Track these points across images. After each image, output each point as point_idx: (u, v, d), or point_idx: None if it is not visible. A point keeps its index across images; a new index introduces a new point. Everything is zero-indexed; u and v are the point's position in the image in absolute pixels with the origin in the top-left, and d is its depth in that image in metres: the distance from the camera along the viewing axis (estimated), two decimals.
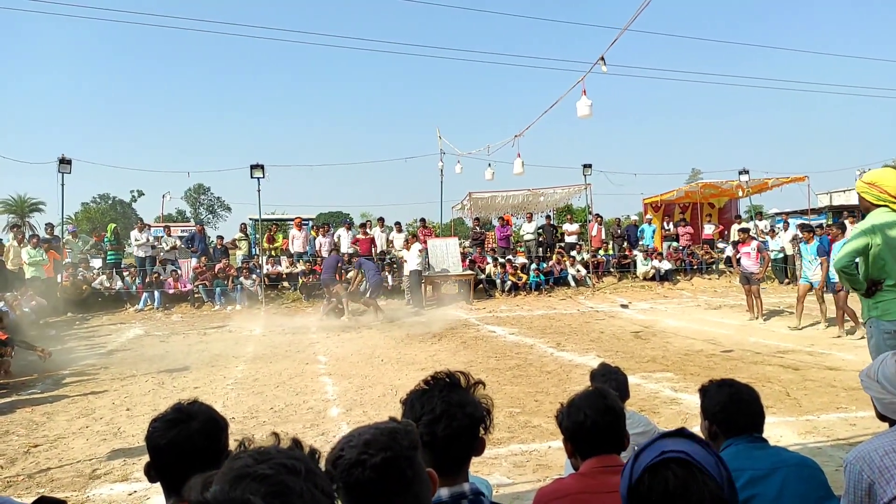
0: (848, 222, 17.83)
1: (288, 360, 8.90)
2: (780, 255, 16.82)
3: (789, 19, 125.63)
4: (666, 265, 17.78)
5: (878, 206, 3.77)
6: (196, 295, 15.37)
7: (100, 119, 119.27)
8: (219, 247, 17.48)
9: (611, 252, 19.51)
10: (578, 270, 17.30)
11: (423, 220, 20.15)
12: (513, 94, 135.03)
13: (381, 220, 18.80)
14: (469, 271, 16.35)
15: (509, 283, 16.37)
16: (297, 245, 17.58)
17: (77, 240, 18.31)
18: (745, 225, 17.00)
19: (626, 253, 18.79)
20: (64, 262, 15.20)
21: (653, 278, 17.57)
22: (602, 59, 9.19)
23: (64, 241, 16.50)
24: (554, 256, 17.90)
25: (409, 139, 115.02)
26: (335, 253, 15.09)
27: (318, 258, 17.31)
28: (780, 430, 4.88)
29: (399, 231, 18.27)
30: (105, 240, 17.21)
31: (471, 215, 21.15)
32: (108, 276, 15.36)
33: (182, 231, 18.20)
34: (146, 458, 1.69)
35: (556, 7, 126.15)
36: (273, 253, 17.85)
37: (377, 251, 17.74)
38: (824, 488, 2.01)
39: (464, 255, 17.54)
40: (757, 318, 11.19)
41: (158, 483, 1.68)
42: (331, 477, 1.18)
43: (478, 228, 20.08)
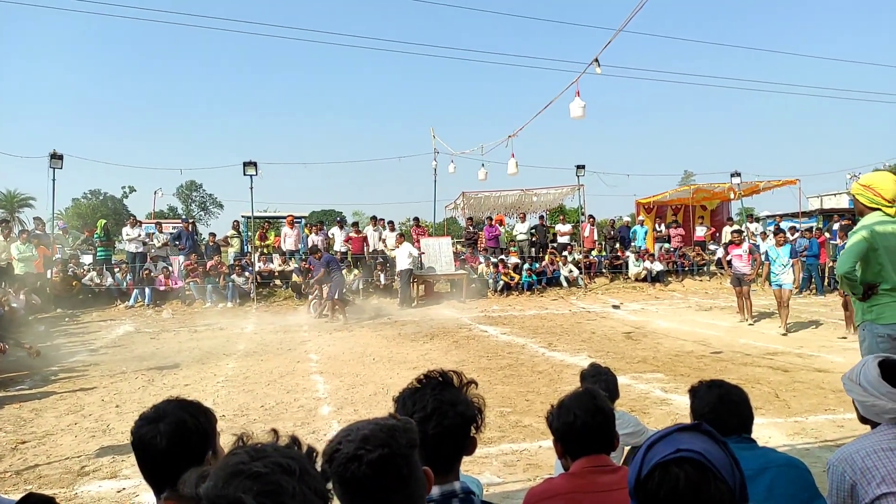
0: (838, 226, 18.03)
1: (279, 358, 8.88)
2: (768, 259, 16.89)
3: (782, 22, 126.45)
4: (657, 266, 17.85)
5: (871, 209, 3.77)
6: (187, 292, 15.30)
7: (92, 114, 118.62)
8: (211, 244, 17.40)
9: (603, 253, 19.57)
10: (571, 271, 17.34)
11: (416, 219, 20.13)
12: (507, 94, 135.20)
13: (374, 218, 18.77)
14: (461, 271, 16.36)
15: (502, 282, 16.40)
16: (289, 243, 17.52)
17: (67, 236, 18.18)
18: (738, 227, 17.09)
19: (619, 254, 18.86)
20: (54, 258, 15.09)
21: (644, 279, 17.64)
22: (596, 60, 9.20)
23: (54, 237, 16.38)
24: (546, 257, 17.93)
25: (403, 138, 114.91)
26: (327, 252, 14.81)
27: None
28: (768, 431, 4.92)
29: (392, 230, 18.25)
30: (95, 236, 17.10)
31: (464, 215, 21.15)
32: (99, 273, 15.27)
33: (173, 228, 18.10)
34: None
35: (550, 8, 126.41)
36: (265, 251, 17.79)
37: (370, 250, 17.71)
38: (812, 489, 2.02)
39: (456, 254, 17.55)
40: (746, 319, 11.25)
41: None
42: (326, 470, 1.18)
43: (471, 228, 20.08)
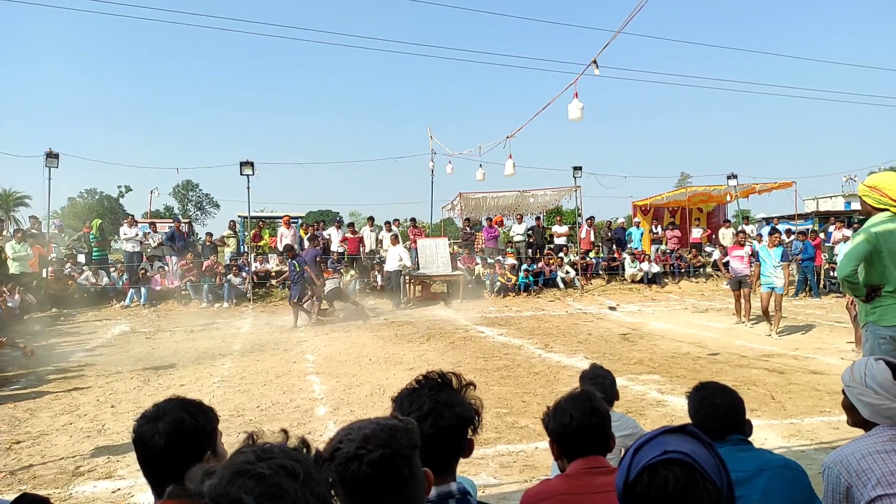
0: (834, 228, 18.11)
1: (275, 358, 8.86)
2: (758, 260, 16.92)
3: (779, 25, 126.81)
4: (654, 268, 17.89)
5: (878, 209, 3.77)
6: (183, 292, 15.27)
7: (88, 113, 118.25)
8: (208, 244, 17.36)
9: (600, 254, 19.60)
10: (567, 272, 17.36)
11: (413, 219, 20.14)
12: (505, 95, 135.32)
13: (371, 219, 18.76)
14: (458, 272, 16.36)
15: (498, 284, 16.40)
16: (285, 243, 17.50)
17: (63, 234, 18.10)
18: (742, 228, 17.13)
19: (615, 255, 18.89)
20: (50, 258, 15.04)
21: (641, 281, 17.67)
22: (595, 61, 9.21)
23: (49, 236, 16.33)
24: (543, 258, 17.95)
25: (401, 139, 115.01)
26: (313, 247, 13.51)
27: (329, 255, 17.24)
28: (764, 433, 4.92)
29: (388, 230, 18.24)
30: (91, 236, 17.05)
31: (461, 216, 21.16)
32: (94, 272, 15.22)
33: (168, 228, 18.04)
34: (132, 454, 1.68)
35: (549, 9, 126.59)
36: (260, 251, 17.75)
37: (366, 250, 17.70)
38: (808, 491, 2.03)
39: (453, 255, 17.55)
40: (743, 321, 11.26)
41: (144, 480, 1.67)
42: (333, 477, 1.18)
43: (467, 229, 20.09)
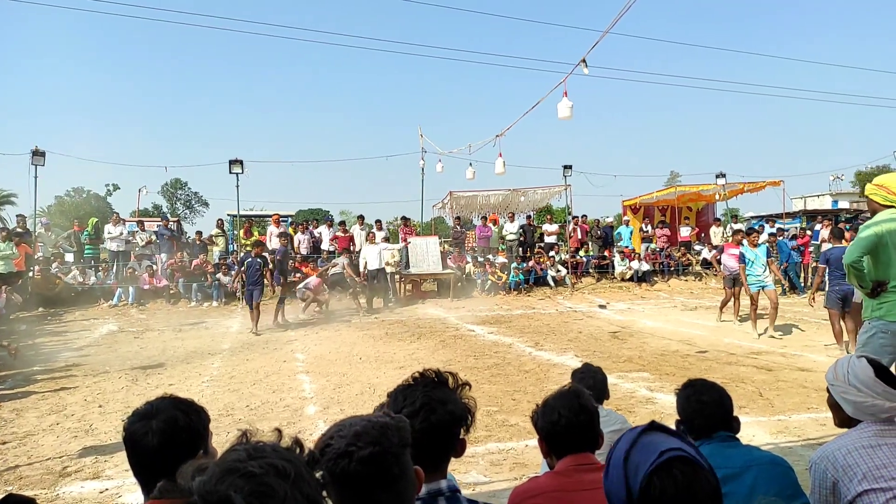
0: (822, 226, 18.28)
1: (265, 357, 8.83)
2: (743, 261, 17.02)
3: (767, 26, 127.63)
4: (644, 266, 17.97)
5: (885, 206, 3.88)
6: (172, 291, 15.17)
7: (75, 110, 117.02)
8: (198, 242, 17.27)
9: (590, 252, 19.68)
10: (558, 271, 17.40)
11: (404, 218, 20.10)
12: (494, 94, 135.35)
13: (361, 217, 18.71)
14: (449, 270, 16.36)
15: (489, 282, 16.42)
16: (275, 242, 17.41)
17: (50, 233, 17.94)
18: (740, 226, 17.25)
19: (605, 254, 18.97)
20: (36, 256, 14.89)
21: (631, 279, 17.75)
22: (584, 60, 9.24)
23: (36, 234, 16.17)
24: (533, 256, 17.99)
25: (391, 137, 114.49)
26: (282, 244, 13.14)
27: (297, 255, 17.20)
28: (752, 430, 4.96)
29: (380, 229, 18.19)
30: (85, 233, 16.90)
31: (451, 214, 21.15)
32: (81, 271, 15.09)
33: (156, 226, 17.94)
34: (120, 454, 1.66)
35: (538, 8, 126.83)
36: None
37: (356, 249, 17.66)
38: (794, 486, 2.04)
39: (444, 254, 17.54)
40: (733, 319, 11.34)
41: (133, 480, 1.66)
42: (325, 477, 1.18)
43: (458, 227, 20.08)
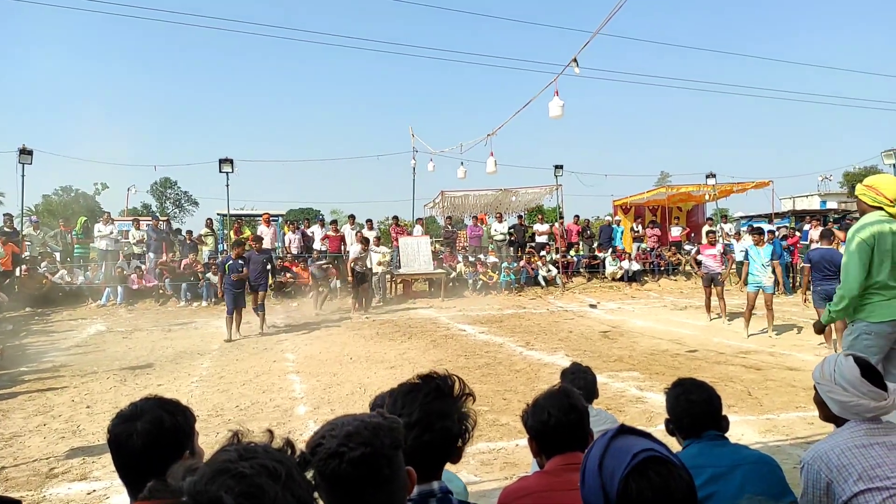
0: (810, 227, 18.41)
1: (255, 357, 8.79)
2: (744, 257, 17.15)
3: (756, 29, 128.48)
4: (634, 266, 18.04)
5: (873, 207, 3.92)
6: (161, 291, 15.07)
7: (62, 109, 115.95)
8: (188, 242, 17.17)
9: (580, 252, 19.73)
10: (549, 270, 17.44)
11: (395, 217, 20.09)
12: (486, 93, 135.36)
13: (352, 217, 18.67)
14: (440, 270, 16.36)
15: (480, 282, 16.43)
16: (265, 241, 17.36)
17: (38, 231, 17.78)
18: (712, 227, 17.36)
19: (596, 253, 19.04)
20: (24, 255, 14.75)
21: (621, 279, 17.81)
22: (575, 60, 9.26)
23: (24, 233, 16.02)
24: (524, 256, 18.03)
25: (382, 136, 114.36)
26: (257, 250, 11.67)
27: (288, 255, 17.15)
28: (741, 429, 4.99)
29: (370, 228, 18.17)
30: (74, 233, 16.76)
31: (443, 214, 21.15)
32: (69, 271, 14.97)
33: (146, 225, 17.83)
34: (108, 455, 1.65)
35: (530, 8, 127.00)
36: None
37: (347, 248, 17.62)
38: (782, 485, 2.05)
39: (435, 253, 17.54)
40: (721, 317, 11.43)
41: (121, 482, 1.64)
42: (307, 462, 1.17)
43: (449, 227, 20.09)
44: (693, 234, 20.84)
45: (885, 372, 3.86)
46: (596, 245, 19.67)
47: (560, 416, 1.90)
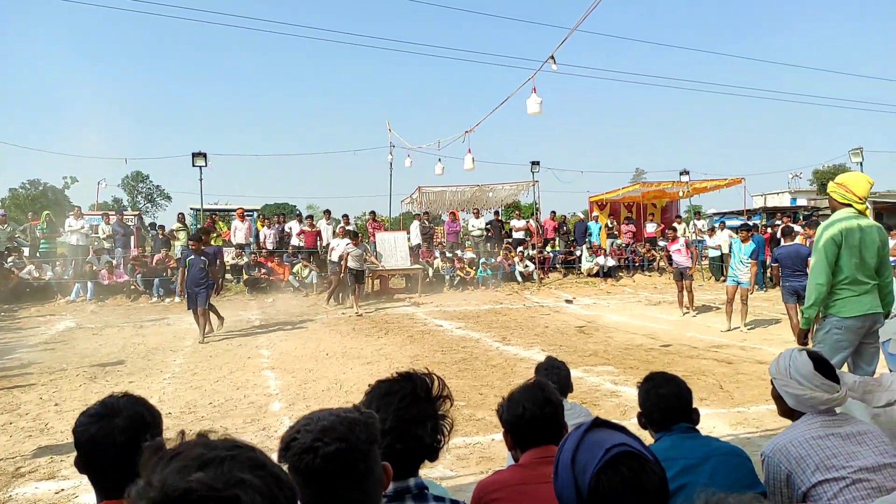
0: (781, 223, 18.76)
1: (229, 353, 8.69)
2: (717, 253, 17.45)
3: (730, 28, 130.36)
4: (609, 262, 18.22)
5: (843, 205, 4.02)
6: (132, 287, 14.80)
7: (30, 101, 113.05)
8: (160, 237, 16.88)
9: (556, 248, 19.87)
10: (526, 266, 17.53)
11: (373, 213, 20.01)
12: (464, 89, 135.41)
13: (328, 212, 18.54)
14: (417, 266, 16.33)
15: (457, 277, 16.45)
16: (239, 236, 17.15)
17: (6, 226, 17.31)
18: (674, 224, 17.61)
19: (572, 249, 19.19)
20: None
21: (597, 275, 17.97)
22: (552, 57, 9.29)
23: None
24: (501, 252, 18.09)
25: (359, 131, 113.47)
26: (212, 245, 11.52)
27: (263, 250, 16.96)
28: (713, 422, 5.07)
29: (347, 223, 18.04)
30: (38, 228, 16.35)
31: (420, 209, 21.11)
32: (37, 266, 14.62)
33: (113, 220, 17.47)
34: (76, 453, 1.61)
35: (508, 4, 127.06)
36: (214, 242, 17.32)
37: (322, 244, 17.49)
38: (752, 476, 2.09)
39: (412, 249, 17.50)
40: (689, 312, 11.66)
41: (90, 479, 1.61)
42: (283, 458, 1.16)
43: (426, 223, 20.06)
44: (667, 231, 21.10)
45: (854, 366, 3.96)
46: (572, 241, 19.84)
47: (535, 410, 1.91)
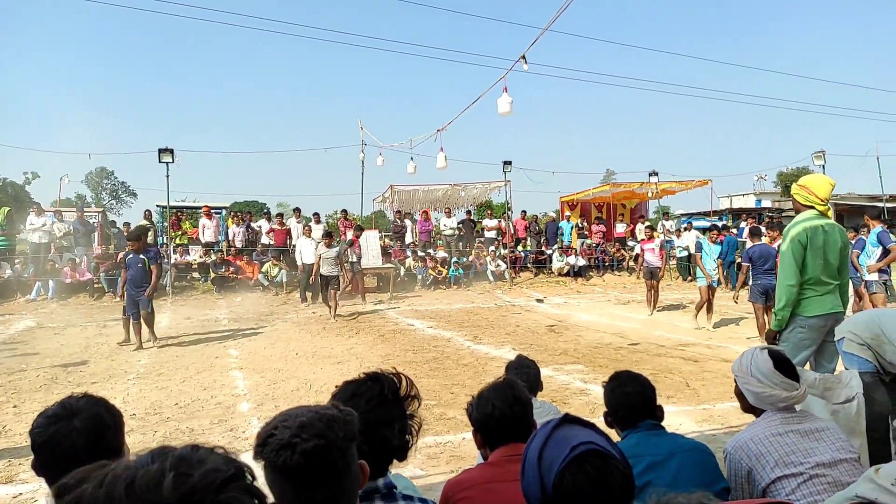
0: (746, 224, 19.18)
1: (196, 353, 8.54)
2: (685, 253, 17.76)
3: (699, 31, 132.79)
4: (580, 261, 18.40)
5: (806, 206, 4.10)
6: (96, 285, 14.45)
7: None
8: (125, 234, 16.49)
9: (528, 248, 20.00)
10: (498, 265, 17.60)
11: (344, 211, 19.89)
12: (436, 88, 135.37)
13: (298, 210, 18.38)
14: (389, 265, 16.28)
15: (429, 277, 16.44)
16: (207, 234, 16.88)
17: None
18: (650, 223, 17.86)
19: (543, 248, 19.34)
20: None
21: (567, 274, 18.14)
22: (524, 57, 9.34)
23: None
24: (473, 251, 18.14)
25: (330, 129, 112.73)
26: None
27: (232, 248, 16.72)
28: (679, 419, 5.15)
29: (317, 222, 17.90)
30: None
31: (392, 208, 21.05)
32: None
33: (75, 217, 17.03)
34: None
35: (480, 3, 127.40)
36: (178, 241, 17.04)
37: (292, 242, 17.33)
38: (715, 472, 2.13)
39: (384, 248, 17.44)
40: (654, 310, 11.93)
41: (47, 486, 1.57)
42: (259, 454, 1.14)
43: (399, 222, 20.01)
44: (644, 230, 21.41)
45: (816, 364, 4.05)
46: (543, 241, 20.00)
47: (504, 408, 1.91)
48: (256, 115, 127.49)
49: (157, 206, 18.74)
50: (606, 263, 19.24)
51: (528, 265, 18.82)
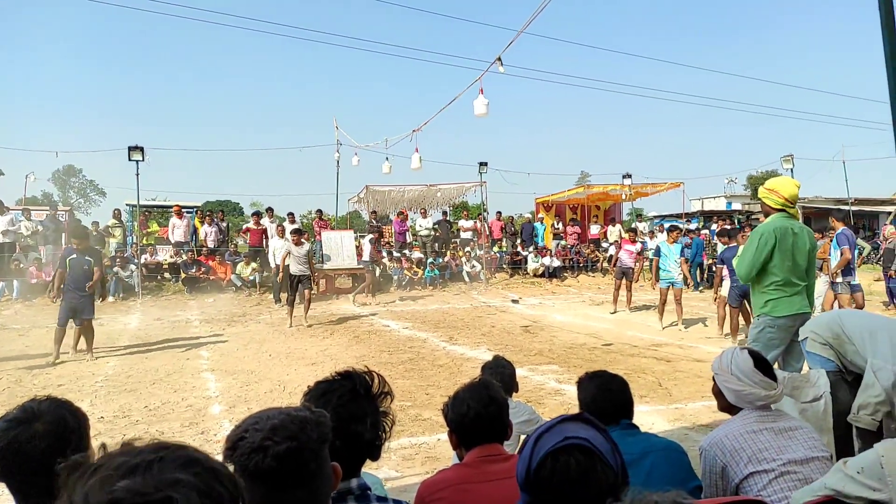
0: (717, 226, 19.50)
1: (166, 355, 8.39)
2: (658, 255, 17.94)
3: (672, 35, 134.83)
4: (555, 262, 18.54)
5: (775, 209, 4.18)
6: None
7: None
8: (94, 233, 16.15)
9: (503, 248, 20.09)
10: (473, 266, 17.63)
11: (319, 211, 19.73)
12: (412, 88, 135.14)
13: (270, 210, 18.15)
14: (362, 264, 16.17)
15: (405, 277, 16.40)
16: (177, 234, 16.58)
17: None
18: (634, 225, 18.10)
19: (519, 249, 19.44)
20: None
21: (542, 275, 18.25)
22: (500, 59, 9.39)
23: None
24: (449, 252, 18.15)
25: (305, 128, 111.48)
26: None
27: (203, 248, 16.47)
28: (652, 418, 5.21)
29: (292, 222, 17.71)
30: None
31: (368, 208, 20.95)
32: None
33: (46, 215, 16.62)
34: None
35: (457, 5, 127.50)
36: (146, 241, 16.72)
37: (267, 242, 17.13)
38: (687, 470, 2.16)
39: (359, 248, 17.34)
40: (623, 310, 12.20)
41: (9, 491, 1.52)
42: (230, 458, 1.12)
43: (374, 222, 19.91)
44: (607, 232, 21.66)
45: (784, 363, 4.14)
46: (519, 242, 20.09)
47: (479, 409, 1.91)
48: (230, 113, 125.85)
49: (127, 204, 18.37)
50: (581, 264, 19.40)
51: (504, 266, 18.89)
